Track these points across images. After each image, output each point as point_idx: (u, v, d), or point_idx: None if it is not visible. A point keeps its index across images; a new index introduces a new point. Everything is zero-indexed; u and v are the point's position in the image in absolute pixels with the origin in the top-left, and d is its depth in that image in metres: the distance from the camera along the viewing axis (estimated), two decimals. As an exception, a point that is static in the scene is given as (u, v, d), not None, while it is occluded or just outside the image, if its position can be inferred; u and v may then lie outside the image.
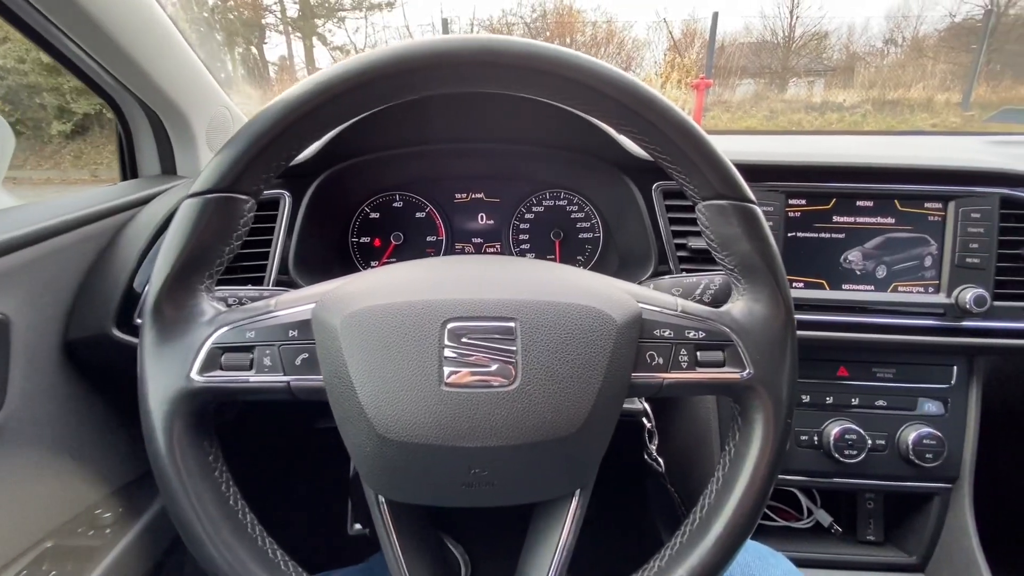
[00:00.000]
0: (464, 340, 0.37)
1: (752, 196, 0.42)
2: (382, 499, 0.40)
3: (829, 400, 0.72)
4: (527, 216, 0.85)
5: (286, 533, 0.48)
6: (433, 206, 0.84)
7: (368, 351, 0.36)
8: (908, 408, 0.72)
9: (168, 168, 0.85)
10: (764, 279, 0.42)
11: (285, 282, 0.68)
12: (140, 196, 0.71)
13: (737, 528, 0.40)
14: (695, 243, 0.68)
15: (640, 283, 0.60)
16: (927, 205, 0.67)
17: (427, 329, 0.37)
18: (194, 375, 0.38)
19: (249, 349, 0.39)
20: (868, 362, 0.72)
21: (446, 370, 0.36)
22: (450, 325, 0.37)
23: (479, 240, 0.85)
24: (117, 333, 0.61)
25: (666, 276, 0.59)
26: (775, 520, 0.82)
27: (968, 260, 0.66)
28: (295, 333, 0.39)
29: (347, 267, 0.82)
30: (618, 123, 0.42)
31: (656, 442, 0.65)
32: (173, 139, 0.82)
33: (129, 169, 0.86)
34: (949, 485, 0.72)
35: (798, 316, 0.69)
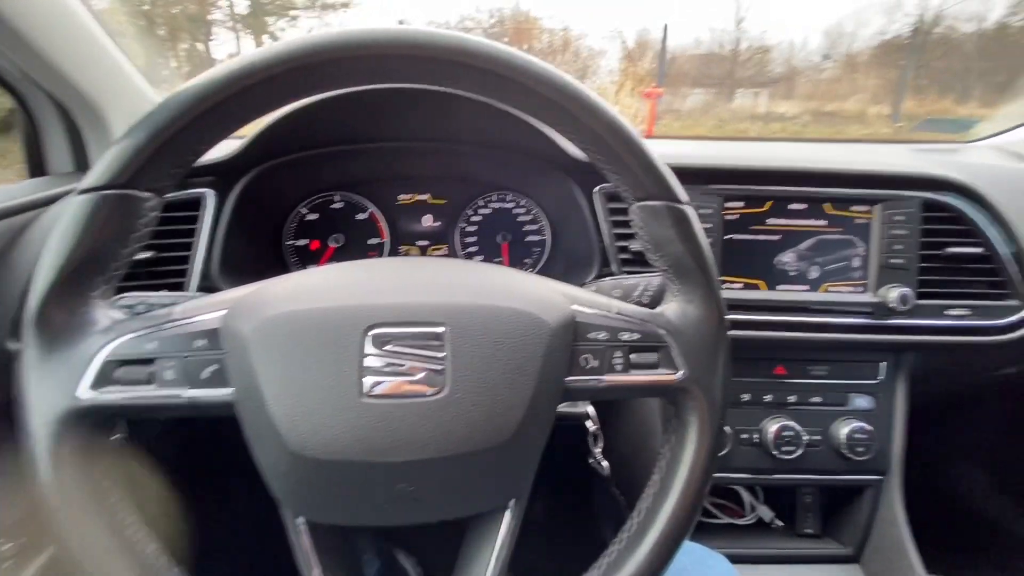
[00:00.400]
0: (388, 347, 0.34)
1: (685, 197, 0.42)
2: (301, 522, 0.37)
3: (768, 398, 0.74)
4: (474, 218, 0.83)
5: (227, 562, 0.44)
6: (375, 207, 0.81)
7: (281, 361, 0.34)
8: (841, 404, 0.75)
9: (83, 165, 0.78)
10: (696, 280, 0.42)
11: (210, 289, 0.64)
12: (45, 195, 0.65)
13: (674, 532, 0.40)
14: (636, 245, 0.68)
15: (583, 285, 0.60)
16: (855, 208, 0.70)
17: (347, 336, 0.34)
18: (82, 392, 0.34)
19: (149, 362, 0.35)
20: (803, 360, 0.74)
21: (367, 380, 0.34)
22: (373, 332, 0.34)
23: (424, 242, 0.83)
24: (13, 345, 0.55)
25: (607, 278, 0.59)
26: (719, 518, 0.83)
27: (893, 261, 0.69)
28: (202, 343, 0.36)
29: (282, 272, 0.78)
30: (552, 121, 0.41)
31: (601, 445, 0.64)
32: (86, 134, 0.75)
33: (38, 166, 0.79)
34: (880, 477, 0.75)
35: (737, 316, 0.71)
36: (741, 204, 0.70)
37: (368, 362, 0.34)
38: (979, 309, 0.70)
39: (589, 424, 0.64)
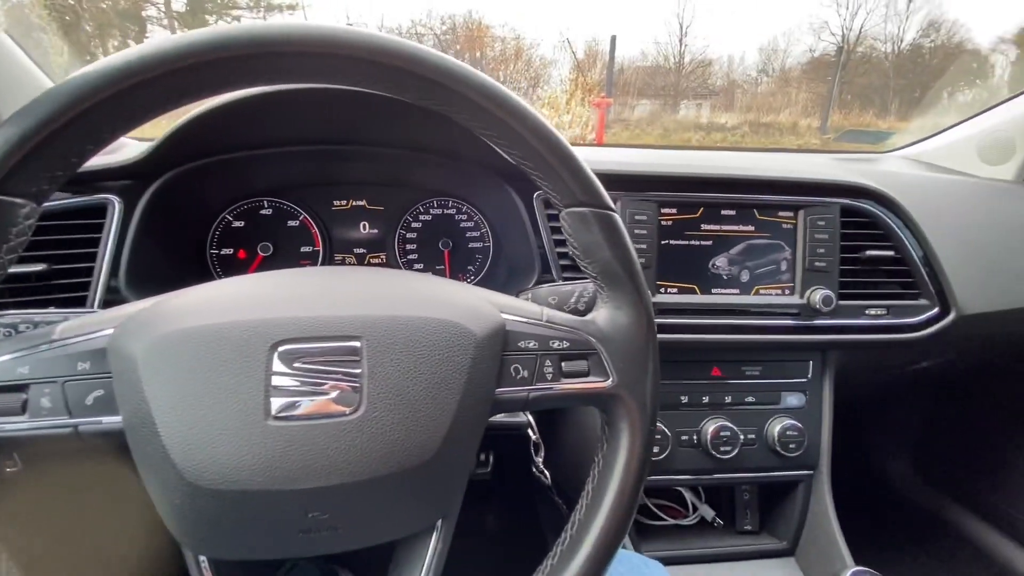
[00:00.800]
0: (298, 365, 0.32)
1: (611, 204, 0.42)
2: (204, 560, 0.34)
3: (705, 399, 0.76)
4: (414, 225, 0.81)
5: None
6: (308, 214, 0.77)
7: (176, 383, 0.31)
8: (774, 402, 0.77)
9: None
10: (624, 287, 0.41)
11: (117, 303, 0.59)
12: None
13: (608, 543, 0.39)
14: None
15: (521, 292, 0.59)
16: (781, 214, 0.73)
17: (252, 354, 0.32)
18: None
19: (22, 388, 0.31)
20: (738, 361, 0.76)
21: (274, 401, 0.31)
22: (281, 348, 0.32)
23: (362, 250, 0.80)
24: None
25: (545, 285, 0.58)
26: (664, 520, 0.84)
27: (816, 264, 0.72)
28: (86, 366, 0.32)
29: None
30: (478, 126, 0.40)
31: (543, 454, 0.63)
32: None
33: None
34: (811, 472, 0.78)
35: (673, 320, 0.73)
36: (675, 211, 0.71)
37: (276, 381, 0.31)
38: (894, 309, 0.75)
39: (530, 433, 0.63)
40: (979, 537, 1.18)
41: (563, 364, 0.40)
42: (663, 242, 0.71)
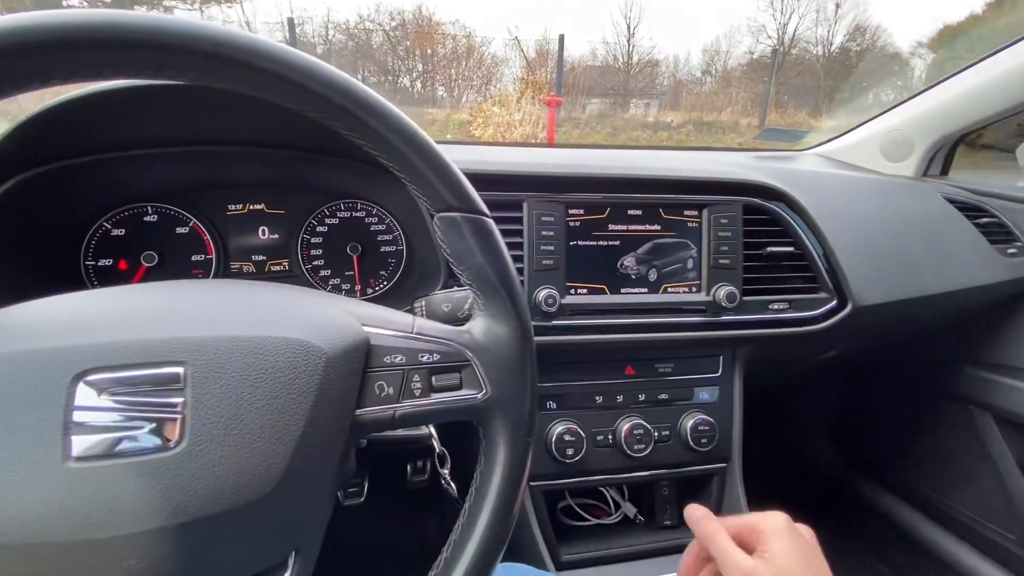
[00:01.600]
0: (107, 397, 0.29)
1: (484, 208, 0.40)
2: None
3: (620, 399, 0.76)
4: (319, 229, 0.77)
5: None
6: (199, 220, 0.72)
7: None
8: (687, 398, 0.79)
9: None
10: (498, 294, 0.40)
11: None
12: None
13: (481, 563, 0.38)
14: None
15: (416, 299, 0.57)
16: (686, 213, 0.74)
17: (47, 387, 0.28)
18: None
19: None
20: (650, 359, 0.77)
21: (76, 440, 0.28)
22: (86, 378, 0.28)
23: (261, 257, 0.75)
24: None
25: (441, 291, 0.56)
26: (588, 520, 0.84)
27: (721, 261, 0.74)
28: None
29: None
30: (339, 126, 0.37)
31: (449, 465, 0.61)
32: None
33: None
34: (724, 465, 0.80)
35: (584, 321, 0.72)
36: (582, 211, 0.71)
37: (79, 417, 0.28)
38: (796, 302, 0.77)
39: (435, 444, 0.61)
40: (899, 517, 1.26)
41: (433, 378, 0.38)
42: (571, 243, 0.71)
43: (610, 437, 0.75)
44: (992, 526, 1.05)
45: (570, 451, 0.72)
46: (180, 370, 0.30)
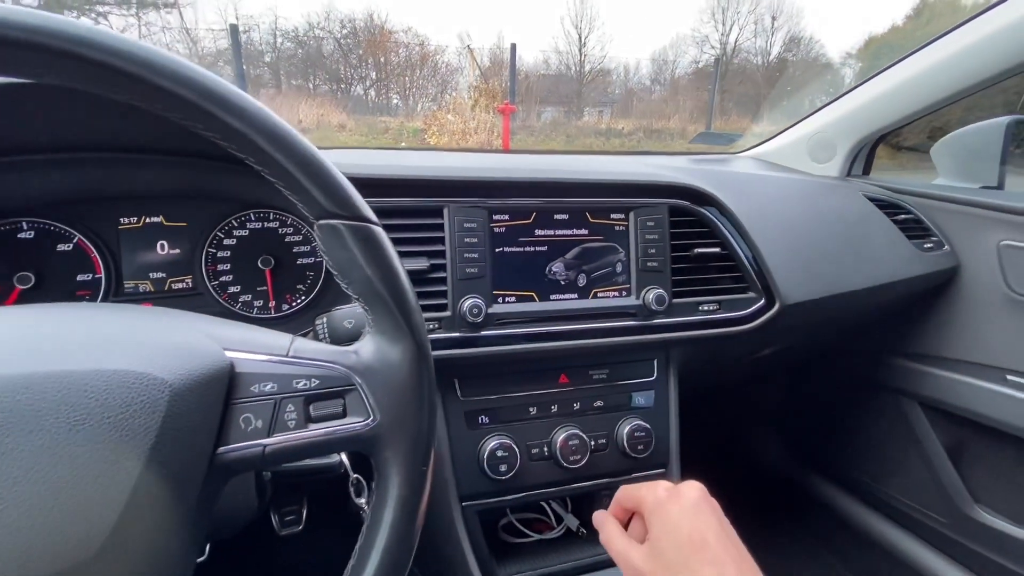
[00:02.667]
0: None
1: (370, 215, 0.37)
2: None
3: (554, 408, 0.73)
4: (227, 242, 0.71)
5: None
6: (84, 235, 0.65)
7: None
8: (623, 404, 0.77)
9: None
10: (388, 309, 0.36)
11: None
12: None
13: None
14: None
15: (317, 315, 0.52)
16: (613, 216, 0.72)
17: None
18: None
19: None
20: (584, 366, 0.75)
21: None
22: None
23: (160, 275, 0.69)
24: None
25: (343, 306, 0.52)
26: (529, 536, 0.81)
27: (649, 264, 0.73)
28: None
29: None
30: (200, 127, 0.33)
31: (366, 494, 0.57)
32: None
33: None
34: (662, 470, 0.79)
35: (514, 331, 0.69)
36: (507, 217, 0.68)
37: None
38: (726, 303, 0.77)
39: (349, 472, 0.57)
40: (843, 508, 1.29)
41: (311, 407, 0.34)
42: (497, 250, 0.68)
43: (545, 449, 0.72)
44: (926, 511, 1.09)
45: (503, 467, 0.69)
46: None
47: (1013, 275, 0.91)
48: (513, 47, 8.97)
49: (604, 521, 0.53)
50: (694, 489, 0.46)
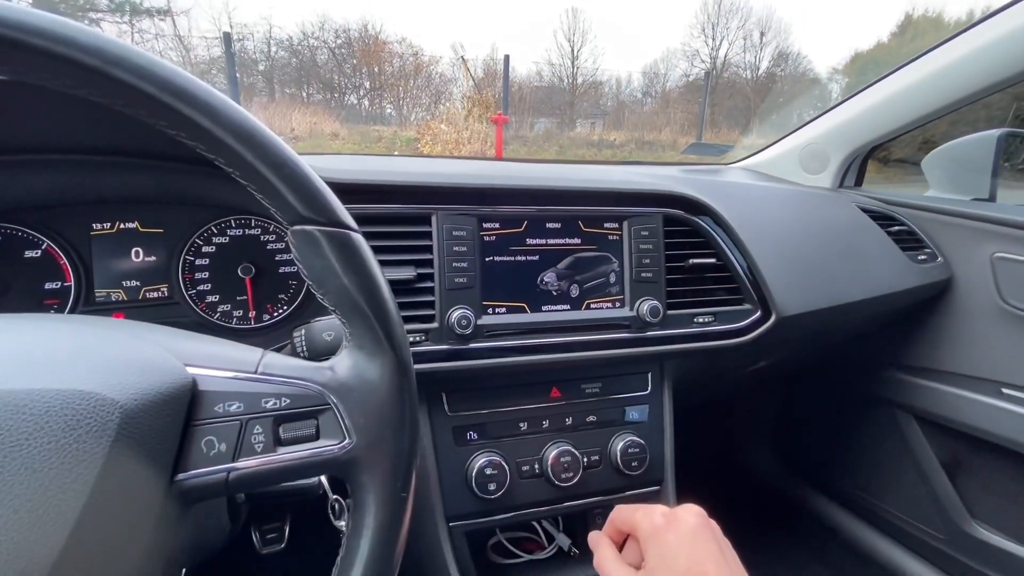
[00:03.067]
0: None
1: (349, 220, 0.34)
2: None
3: (545, 424, 0.71)
4: (205, 249, 0.68)
5: None
6: (53, 241, 0.62)
7: None
8: (617, 419, 0.75)
9: None
10: (366, 321, 0.34)
11: None
12: None
13: None
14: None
15: (295, 328, 0.50)
16: (606, 225, 0.71)
17: None
18: None
19: None
20: (577, 380, 0.72)
21: None
22: None
23: (135, 283, 0.66)
24: None
25: (324, 317, 0.50)
26: (520, 556, 0.78)
27: (643, 274, 0.71)
28: None
29: None
30: (165, 125, 0.30)
31: (346, 516, 0.54)
32: None
33: None
34: (657, 487, 0.76)
35: (504, 343, 0.67)
36: (497, 225, 0.66)
37: None
38: (721, 315, 0.76)
39: (328, 494, 0.54)
40: (838, 522, 1.26)
41: (280, 428, 0.31)
42: (487, 259, 0.66)
43: (536, 467, 0.70)
44: (922, 527, 1.07)
45: (492, 486, 0.66)
46: None
47: (1007, 287, 0.91)
48: (507, 58, 9.05)
49: (598, 543, 0.51)
50: (692, 515, 0.43)
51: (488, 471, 0.66)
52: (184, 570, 0.39)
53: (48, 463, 0.24)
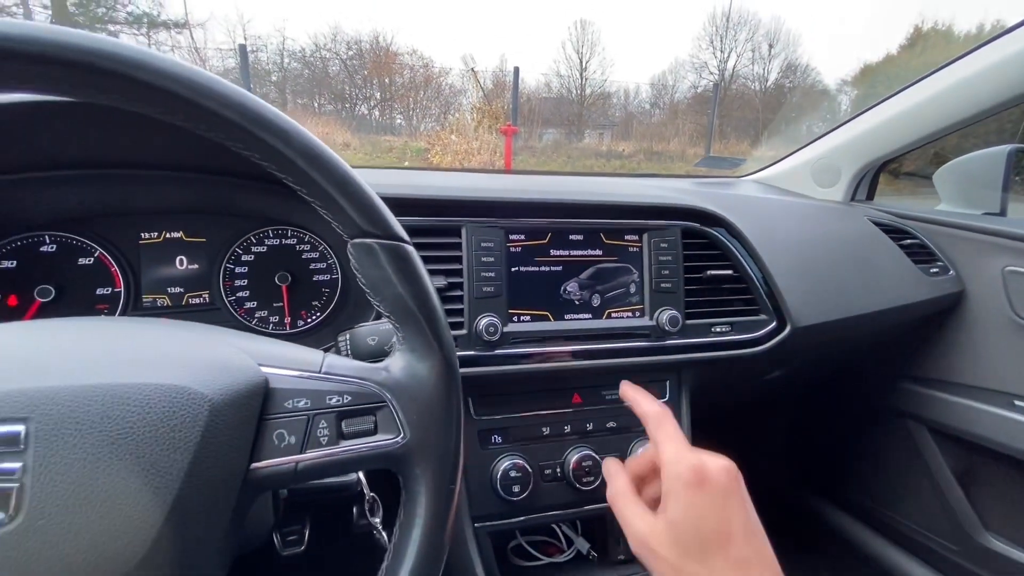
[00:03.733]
0: None
1: (403, 234, 0.37)
2: None
3: (567, 429, 0.73)
4: (244, 258, 0.72)
5: None
6: (105, 249, 0.66)
7: None
8: (636, 425, 0.76)
9: None
10: (419, 327, 0.37)
11: None
12: None
13: None
14: None
15: (340, 332, 0.53)
16: (627, 237, 0.73)
17: None
18: None
19: None
20: (598, 386, 0.75)
21: None
22: None
23: (178, 289, 0.69)
24: None
25: (367, 323, 0.53)
26: (540, 559, 0.80)
27: (663, 285, 0.73)
28: None
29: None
30: (239, 147, 0.34)
31: (380, 514, 0.56)
32: None
33: None
34: (674, 493, 0.78)
35: (528, 349, 0.70)
36: (523, 237, 0.69)
37: None
38: (738, 325, 0.78)
39: (366, 491, 0.56)
40: (852, 534, 1.27)
41: (343, 423, 0.34)
42: (513, 269, 0.69)
43: (558, 470, 0.72)
44: (936, 538, 1.08)
45: (516, 488, 0.68)
46: (20, 428, 0.25)
47: (1019, 300, 0.92)
48: (516, 70, 9.16)
49: (615, 474, 0.47)
50: (724, 472, 0.40)
51: (512, 474, 0.68)
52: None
53: (150, 449, 0.27)
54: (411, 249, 0.37)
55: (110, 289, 0.66)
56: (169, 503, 0.27)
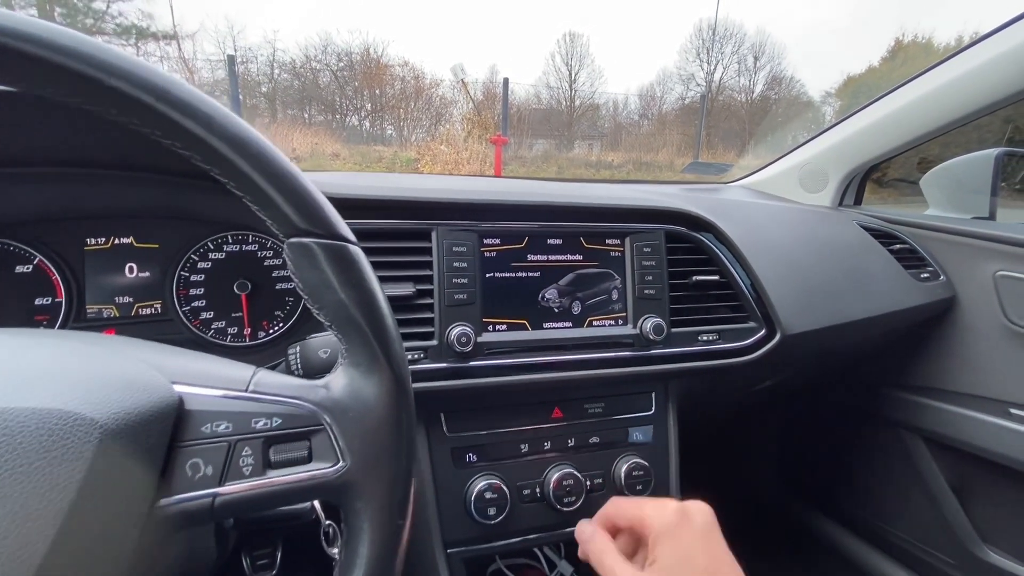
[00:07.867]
0: None
1: (347, 233, 0.33)
2: None
3: (547, 445, 0.69)
4: (201, 265, 0.67)
5: None
6: (45, 256, 0.61)
7: None
8: (621, 439, 0.73)
9: None
10: (363, 338, 0.33)
11: None
12: None
13: None
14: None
15: (290, 344, 0.48)
16: (608, 242, 0.70)
17: None
18: None
19: None
20: (579, 399, 0.71)
21: None
22: None
23: (128, 299, 0.64)
24: None
25: (320, 333, 0.48)
26: (520, 584, 0.75)
27: (647, 291, 0.70)
28: None
29: None
30: (159, 134, 0.30)
31: (340, 542, 0.52)
32: None
33: None
34: (662, 512, 0.74)
35: (504, 361, 0.65)
36: (498, 241, 0.65)
37: None
38: (726, 333, 0.74)
39: (321, 519, 0.52)
40: (845, 546, 1.23)
41: (271, 450, 0.30)
42: (487, 275, 0.65)
43: (538, 490, 0.67)
44: (932, 551, 1.04)
45: (492, 510, 0.64)
46: None
47: (1011, 306, 0.90)
48: (506, 81, 9.19)
49: (594, 535, 0.47)
50: (703, 513, 0.43)
51: (488, 495, 0.64)
52: None
53: (17, 489, 0.22)
54: (357, 251, 0.33)
55: (50, 299, 0.61)
56: (40, 554, 0.22)
